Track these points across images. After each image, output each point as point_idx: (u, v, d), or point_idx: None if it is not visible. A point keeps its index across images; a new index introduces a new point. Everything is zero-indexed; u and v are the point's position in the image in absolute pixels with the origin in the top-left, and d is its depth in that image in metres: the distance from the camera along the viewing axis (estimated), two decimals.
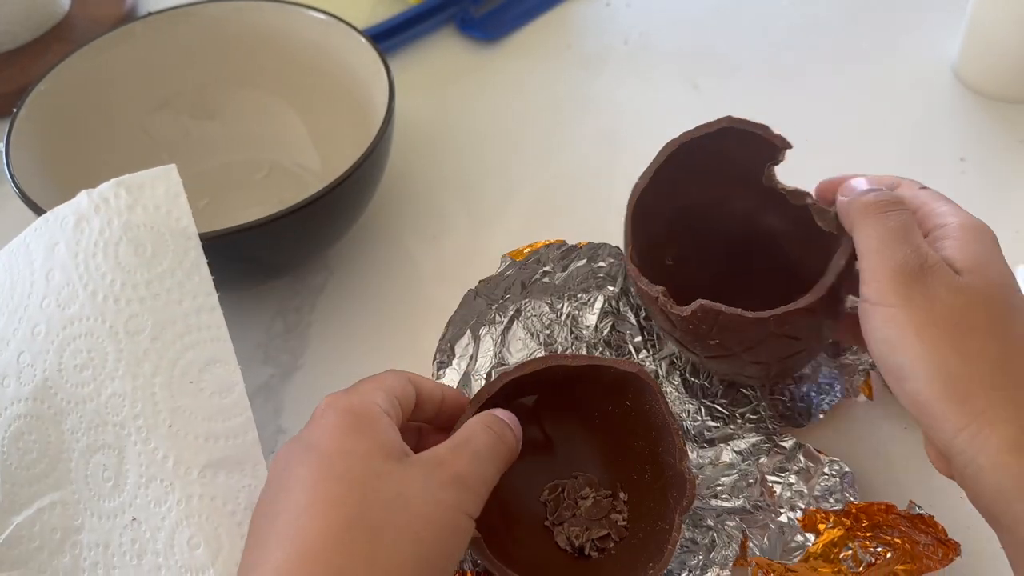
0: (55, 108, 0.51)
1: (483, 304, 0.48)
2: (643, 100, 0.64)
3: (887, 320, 0.32)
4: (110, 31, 0.54)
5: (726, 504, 0.40)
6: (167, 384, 0.35)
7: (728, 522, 0.39)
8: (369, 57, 0.52)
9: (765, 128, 0.43)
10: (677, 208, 0.46)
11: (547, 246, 0.50)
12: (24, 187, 0.45)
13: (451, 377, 0.45)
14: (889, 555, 0.36)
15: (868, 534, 0.38)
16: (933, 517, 0.38)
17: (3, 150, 0.47)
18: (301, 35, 0.55)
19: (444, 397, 0.37)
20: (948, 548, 0.37)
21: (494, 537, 0.37)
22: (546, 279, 0.49)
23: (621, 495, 0.41)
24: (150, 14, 0.55)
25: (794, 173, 0.59)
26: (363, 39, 0.52)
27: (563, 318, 0.47)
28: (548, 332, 0.47)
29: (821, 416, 0.43)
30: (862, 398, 0.44)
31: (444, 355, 0.46)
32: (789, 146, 0.43)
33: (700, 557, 0.38)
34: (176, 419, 0.35)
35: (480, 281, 0.49)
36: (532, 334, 0.47)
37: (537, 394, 0.42)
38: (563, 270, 0.49)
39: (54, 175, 0.50)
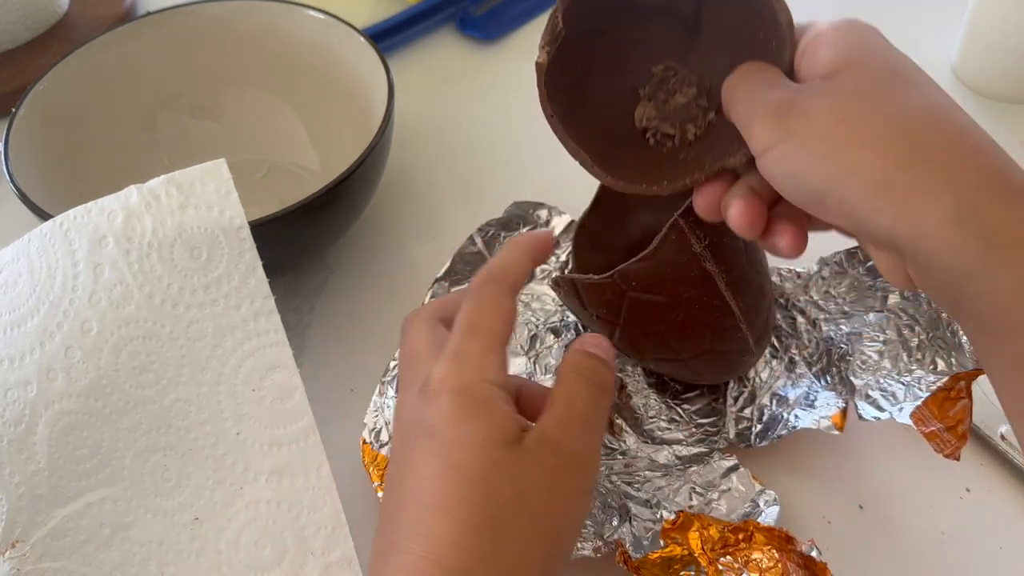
0: (54, 108, 0.51)
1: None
2: None
3: (780, 159, 0.31)
4: (109, 31, 0.54)
5: (634, 493, 0.40)
6: (231, 393, 0.36)
7: (630, 509, 0.39)
8: (369, 57, 0.52)
9: None
10: (634, 237, 0.48)
11: None
12: (23, 187, 0.45)
13: None
14: None
15: (741, 554, 0.36)
16: (826, 565, 0.36)
17: (2, 150, 0.47)
18: (301, 35, 0.55)
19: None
20: None
21: (576, 94, 0.37)
22: None
23: (711, 116, 0.38)
24: (150, 14, 0.55)
25: None
26: (363, 39, 0.52)
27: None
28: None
29: (766, 443, 0.42)
30: (834, 430, 0.41)
31: None
32: None
33: (591, 529, 0.39)
34: (242, 427, 0.36)
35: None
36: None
37: None
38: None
39: (53, 175, 0.50)
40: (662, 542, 0.37)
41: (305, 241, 0.48)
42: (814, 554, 0.36)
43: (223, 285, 0.36)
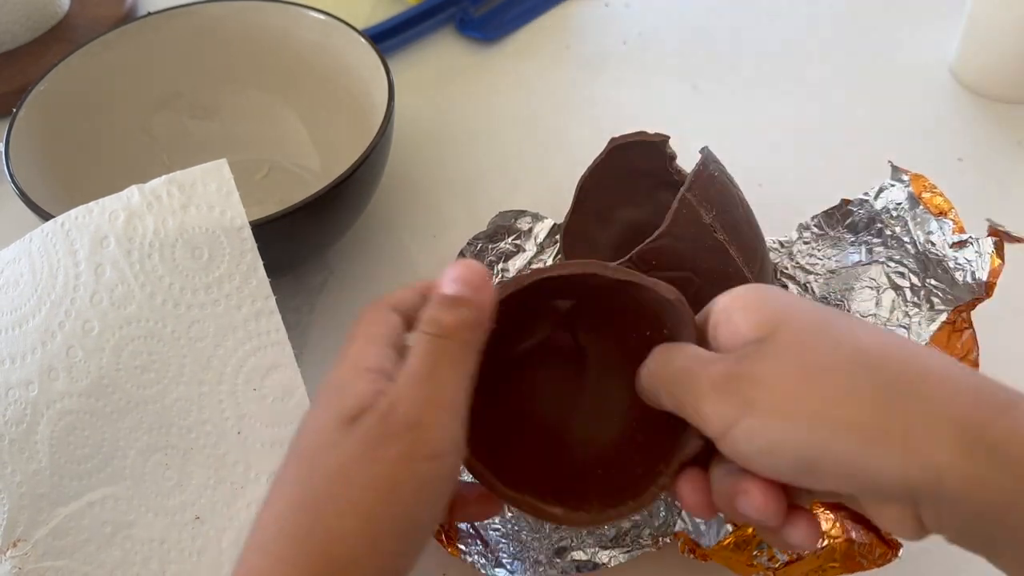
0: (55, 108, 0.51)
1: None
2: (642, 100, 0.64)
3: (750, 436, 0.28)
4: (110, 31, 0.54)
5: None
6: (232, 392, 0.36)
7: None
8: (369, 57, 0.52)
9: (643, 133, 0.46)
10: (618, 233, 0.49)
11: None
12: (24, 187, 0.45)
13: None
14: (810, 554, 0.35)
15: None
16: None
17: (3, 150, 0.47)
18: (301, 35, 0.55)
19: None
20: (887, 548, 0.35)
21: (492, 436, 0.34)
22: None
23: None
24: (150, 14, 0.55)
25: (793, 172, 0.59)
26: (363, 39, 0.52)
27: None
28: None
29: None
30: None
31: None
32: (667, 138, 0.46)
33: (646, 521, 0.39)
34: (243, 426, 0.36)
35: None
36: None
37: (575, 300, 0.38)
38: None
39: (54, 175, 0.50)
40: (729, 527, 0.37)
41: (305, 241, 0.48)
42: None
43: (224, 285, 0.36)
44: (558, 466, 0.36)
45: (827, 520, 0.36)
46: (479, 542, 0.40)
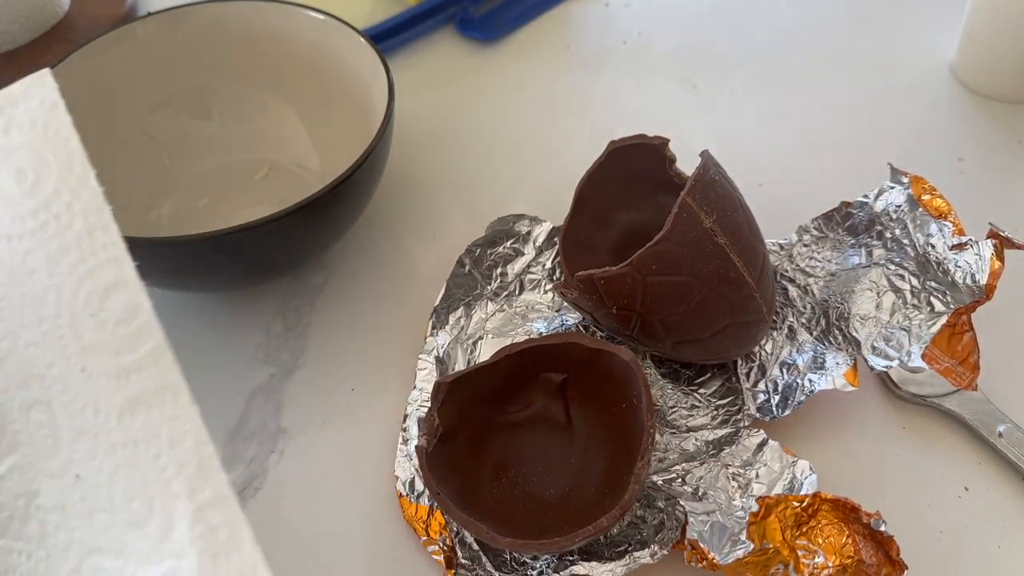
0: None
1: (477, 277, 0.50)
2: (642, 100, 0.64)
3: None
4: (110, 31, 0.54)
5: (679, 488, 0.41)
6: (71, 323, 0.31)
7: (677, 507, 0.39)
8: (369, 57, 0.52)
9: (642, 136, 0.47)
10: (617, 237, 0.50)
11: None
12: None
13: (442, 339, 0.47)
14: (826, 573, 0.36)
15: (813, 534, 0.37)
16: (893, 538, 0.36)
17: None
18: (301, 35, 0.55)
19: None
20: (893, 568, 0.36)
21: (469, 479, 0.40)
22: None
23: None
24: (150, 14, 0.55)
25: (793, 172, 0.59)
26: (363, 39, 0.52)
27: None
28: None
29: (790, 411, 0.43)
30: (849, 387, 0.42)
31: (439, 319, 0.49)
32: (666, 141, 0.46)
33: (644, 533, 0.39)
34: (87, 361, 0.31)
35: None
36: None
37: (565, 373, 0.43)
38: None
39: None
40: (748, 542, 0.37)
41: (305, 241, 0.48)
42: (882, 528, 0.36)
43: (53, 204, 0.31)
44: (524, 517, 0.40)
45: (840, 533, 0.36)
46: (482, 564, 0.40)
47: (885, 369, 0.42)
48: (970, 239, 0.42)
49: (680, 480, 0.41)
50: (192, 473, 0.30)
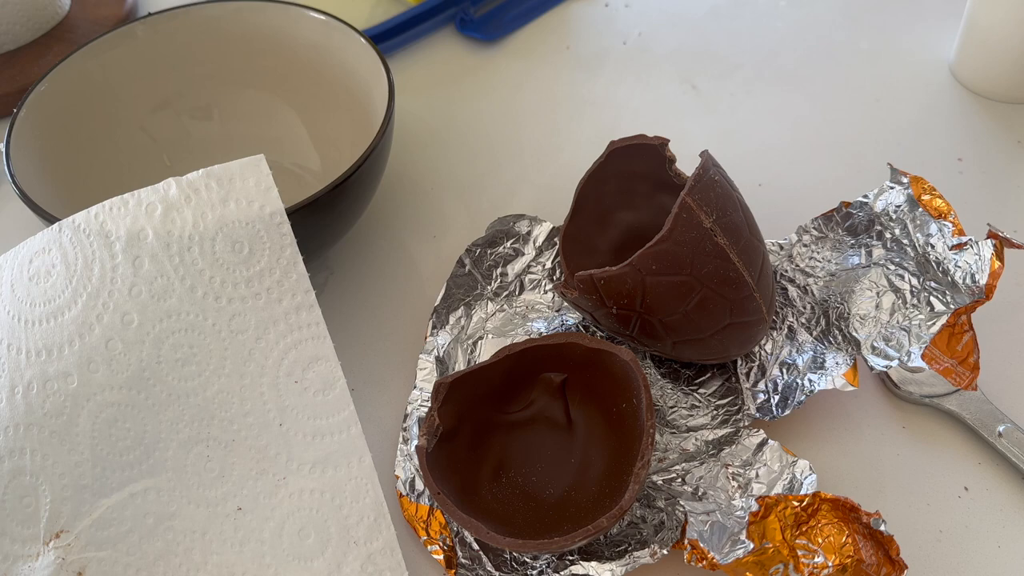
0: (55, 108, 0.51)
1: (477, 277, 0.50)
2: (642, 100, 0.64)
3: None
4: (110, 31, 0.54)
5: (679, 488, 0.41)
6: (274, 384, 0.37)
7: (677, 507, 0.39)
8: (369, 58, 0.52)
9: (642, 136, 0.47)
10: (617, 237, 0.50)
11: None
12: (25, 187, 0.45)
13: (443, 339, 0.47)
14: (825, 573, 0.35)
15: (813, 533, 0.37)
16: (893, 538, 0.36)
17: (3, 150, 0.47)
18: (301, 35, 0.55)
19: None
20: (892, 568, 0.36)
21: (469, 477, 0.40)
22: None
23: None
24: (150, 14, 0.55)
25: (794, 172, 0.59)
26: (363, 40, 0.52)
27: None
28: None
29: (790, 411, 0.43)
30: (848, 387, 0.42)
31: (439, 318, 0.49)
32: (666, 141, 0.46)
33: (644, 533, 0.39)
34: (285, 418, 0.37)
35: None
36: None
37: (565, 373, 0.43)
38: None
39: (54, 175, 0.50)
40: (748, 541, 0.37)
41: (305, 241, 0.48)
42: (882, 528, 0.36)
43: (265, 279, 0.36)
44: (524, 517, 0.40)
45: (840, 532, 0.36)
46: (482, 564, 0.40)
47: (885, 369, 0.42)
48: (970, 239, 0.42)
49: (680, 480, 0.41)
50: (370, 524, 0.37)
